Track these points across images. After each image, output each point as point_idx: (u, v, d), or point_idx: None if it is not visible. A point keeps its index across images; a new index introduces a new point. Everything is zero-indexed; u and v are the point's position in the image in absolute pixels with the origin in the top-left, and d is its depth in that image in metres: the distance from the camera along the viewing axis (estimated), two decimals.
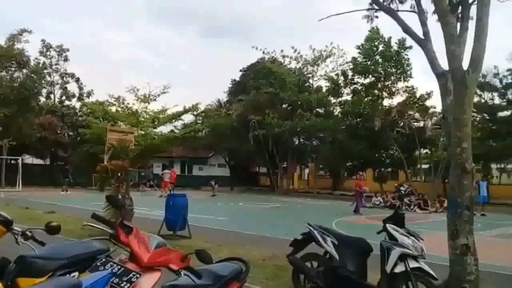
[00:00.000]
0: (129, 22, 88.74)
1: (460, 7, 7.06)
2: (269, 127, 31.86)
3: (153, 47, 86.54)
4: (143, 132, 18.18)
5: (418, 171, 33.39)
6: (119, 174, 10.57)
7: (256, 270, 7.17)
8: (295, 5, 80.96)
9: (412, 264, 5.17)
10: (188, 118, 33.97)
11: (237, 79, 40.21)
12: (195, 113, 36.65)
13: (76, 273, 3.07)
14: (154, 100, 21.10)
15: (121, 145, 10.79)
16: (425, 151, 31.54)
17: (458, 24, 6.83)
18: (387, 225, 5.54)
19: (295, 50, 32.83)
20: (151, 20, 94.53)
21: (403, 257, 5.20)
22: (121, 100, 21.67)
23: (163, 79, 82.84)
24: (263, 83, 33.78)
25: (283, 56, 33.89)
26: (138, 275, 2.48)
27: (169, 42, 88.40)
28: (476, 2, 6.40)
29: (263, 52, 34.07)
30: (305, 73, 34.21)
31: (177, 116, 23.17)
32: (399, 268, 5.18)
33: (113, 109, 21.82)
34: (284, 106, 35.38)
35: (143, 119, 19.79)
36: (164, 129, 24.17)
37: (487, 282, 5.97)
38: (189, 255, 2.68)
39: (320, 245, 5.77)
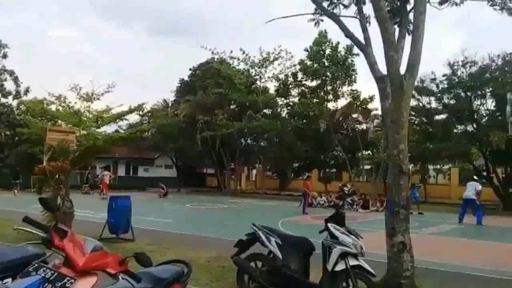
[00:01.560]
0: (73, 17, 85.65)
1: (398, 15, 7.40)
2: (217, 128, 31.79)
3: (99, 44, 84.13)
4: (85, 132, 17.62)
5: (361, 172, 34.49)
6: (58, 176, 10.16)
7: (201, 271, 7.14)
8: (245, 6, 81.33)
9: (352, 262, 5.33)
10: (133, 118, 33.25)
11: (185, 78, 39.81)
12: (141, 113, 35.90)
13: (9, 279, 2.93)
14: (98, 99, 20.50)
15: (61, 146, 10.38)
16: (367, 152, 32.63)
17: (397, 31, 7.16)
18: (329, 224, 5.68)
19: (244, 52, 33.01)
20: (96, 16, 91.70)
21: (343, 255, 5.35)
22: (62, 99, 20.82)
23: (109, 77, 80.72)
24: (212, 83, 33.65)
25: (232, 57, 33.97)
26: (72, 280, 2.39)
27: (116, 39, 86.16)
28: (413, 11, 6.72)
29: (212, 53, 34.00)
30: (253, 74, 34.43)
31: (122, 115, 22.60)
32: (340, 266, 5.32)
33: (53, 107, 20.97)
34: (232, 107, 35.41)
35: (85, 119, 19.17)
36: (108, 129, 23.52)
37: (422, 278, 6.26)
38: (128, 258, 2.62)
39: (265, 245, 5.84)
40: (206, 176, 44.43)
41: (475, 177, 19.29)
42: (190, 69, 39.36)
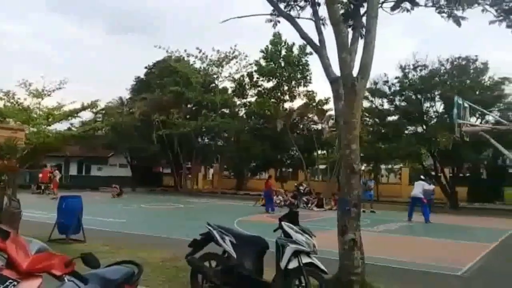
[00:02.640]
0: (24, 12, 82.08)
1: (352, 18, 7.59)
2: (174, 126, 31.43)
3: (52, 40, 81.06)
4: (35, 130, 16.98)
5: (316, 171, 35.10)
6: (5, 175, 9.74)
7: (155, 272, 7.06)
8: (204, 5, 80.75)
9: (305, 259, 5.42)
10: (87, 115, 32.31)
11: (141, 76, 39.08)
12: (94, 110, 34.96)
13: None
14: (49, 95, 19.78)
15: (9, 144, 9.93)
16: (322, 152, 33.25)
17: (351, 34, 7.34)
18: (283, 223, 5.75)
19: (200, 51, 32.80)
20: (50, 11, 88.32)
21: (296, 253, 5.44)
22: (10, 95, 19.92)
23: (63, 74, 77.91)
24: (168, 81, 33.22)
25: (188, 55, 33.65)
26: (15, 283, 2.30)
27: (70, 35, 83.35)
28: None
29: (167, 51, 33.56)
30: (211, 73, 34.27)
31: (74, 113, 21.87)
32: (293, 264, 5.41)
33: (1, 104, 20.05)
34: (189, 106, 35.11)
35: (35, 116, 18.47)
36: (60, 126, 22.71)
37: (372, 274, 6.46)
38: (74, 259, 2.55)
39: (219, 244, 5.83)
40: (162, 176, 43.79)
41: (422, 177, 20.07)
42: (145, 67, 38.72)
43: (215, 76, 34.58)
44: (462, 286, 7.24)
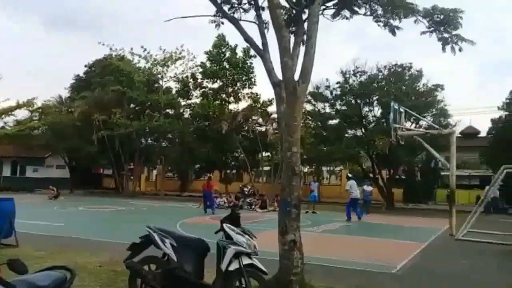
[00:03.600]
0: None
1: (294, 24, 7.75)
2: (115, 127, 30.56)
3: None
4: None
5: (261, 173, 35.40)
6: None
7: (92, 277, 6.85)
8: (148, 3, 79.12)
9: (246, 261, 5.46)
10: (22, 114, 30.72)
11: (81, 74, 37.68)
12: (31, 108, 33.39)
13: None
14: None
15: None
16: (266, 154, 33.59)
17: (294, 39, 7.49)
18: (224, 225, 5.76)
19: (145, 50, 32.13)
20: None
21: (237, 255, 5.47)
22: None
23: None
24: (110, 80, 32.25)
25: (132, 54, 32.87)
26: None
27: (3, 29, 78.66)
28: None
29: (111, 49, 32.59)
30: (155, 73, 33.64)
31: (8, 111, 20.76)
32: (233, 266, 5.43)
33: None
34: (132, 105, 34.28)
35: None
36: None
37: (311, 273, 6.61)
38: (0, 265, 2.43)
39: (159, 247, 5.75)
40: (102, 177, 42.46)
41: (349, 175, 21.06)
42: (85, 65, 37.37)
43: (159, 76, 34.01)
44: (395, 283, 7.57)
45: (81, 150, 32.17)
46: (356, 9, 7.87)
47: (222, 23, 8.81)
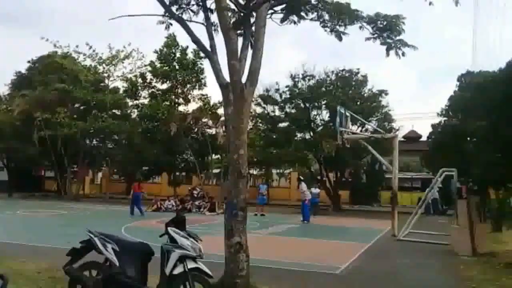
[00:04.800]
0: None
1: (242, 26, 7.75)
2: (59, 127, 29.33)
3: None
4: None
5: (210, 175, 35.20)
6: None
7: (29, 284, 6.57)
8: (95, 1, 76.79)
9: (190, 264, 5.41)
10: None
11: (23, 71, 35.85)
12: None
13: None
14: None
15: None
16: (216, 156, 33.44)
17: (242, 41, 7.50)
18: (169, 228, 5.68)
19: (90, 47, 31.08)
20: None
21: (182, 259, 5.40)
22: None
23: None
24: (53, 78, 30.90)
25: (77, 52, 31.69)
26: None
27: None
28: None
29: (55, 45, 31.25)
30: (101, 72, 32.61)
31: None
32: (178, 270, 5.36)
33: None
34: (76, 105, 33.03)
35: None
36: None
37: (257, 275, 6.64)
38: None
39: (100, 252, 5.58)
40: (44, 180, 40.58)
41: (301, 177, 21.52)
42: (28, 62, 35.61)
43: (106, 75, 33.00)
44: (338, 284, 7.75)
45: (21, 151, 30.57)
46: (304, 14, 7.99)
47: (171, 24, 8.68)
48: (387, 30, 7.45)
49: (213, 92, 38.30)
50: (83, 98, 30.94)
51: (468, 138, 20.68)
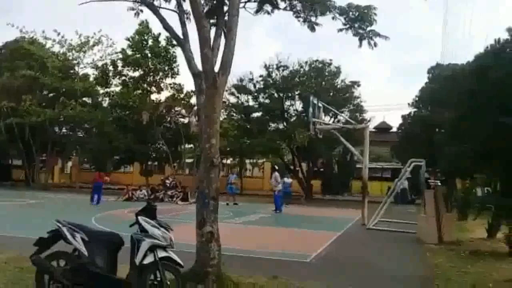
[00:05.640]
0: None
1: (215, 15, 7.69)
2: (26, 115, 28.55)
3: None
4: None
5: (183, 165, 34.97)
6: None
7: None
8: None
9: (161, 254, 5.39)
10: None
11: None
12: None
13: None
14: None
15: None
16: (189, 146, 33.23)
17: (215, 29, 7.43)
18: (139, 217, 5.63)
19: (59, 34, 30.26)
20: None
21: (152, 248, 5.37)
22: None
23: None
24: (20, 65, 29.97)
25: (45, 38, 30.82)
26: None
27: None
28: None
29: (21, 31, 30.29)
30: (70, 58, 31.80)
31: None
32: (148, 259, 5.33)
33: None
34: (44, 92, 32.18)
35: None
36: None
37: (228, 264, 6.66)
38: None
39: (69, 242, 5.49)
40: (11, 169, 39.49)
41: (276, 166, 21.64)
42: None
43: (75, 61, 32.22)
44: (309, 271, 7.86)
45: None
46: (277, 4, 7.98)
47: (141, 10, 8.53)
48: (358, 20, 7.52)
49: (186, 81, 37.87)
50: (51, 85, 30.19)
51: (437, 129, 21.15)
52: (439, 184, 21.19)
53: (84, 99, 32.84)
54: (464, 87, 10.74)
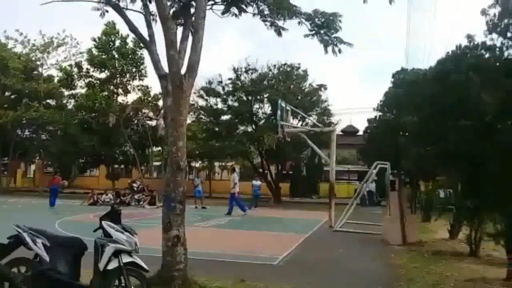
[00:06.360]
0: None
1: (182, 17, 7.65)
2: None
3: None
4: None
5: (151, 168, 34.55)
6: None
7: None
8: None
9: (126, 259, 5.30)
10: None
11: None
12: None
13: None
14: None
15: None
16: (157, 148, 32.86)
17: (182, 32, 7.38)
18: (103, 222, 5.53)
19: (21, 33, 29.44)
20: None
21: (117, 253, 5.28)
22: None
23: None
24: None
25: (7, 38, 29.89)
26: None
27: None
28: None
29: None
30: (34, 59, 30.94)
31: None
32: (113, 265, 5.23)
33: None
34: (6, 94, 31.19)
35: None
36: None
37: (195, 268, 6.60)
38: None
39: (30, 247, 5.33)
40: None
41: (235, 168, 21.68)
42: None
43: (39, 62, 31.38)
44: (276, 274, 7.89)
45: None
46: (244, 7, 8.00)
47: (107, 11, 8.38)
48: (324, 27, 7.62)
49: (154, 83, 37.29)
50: (13, 86, 29.32)
51: (401, 133, 21.68)
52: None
53: (48, 101, 32.11)
54: (426, 91, 11.05)
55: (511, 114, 7.96)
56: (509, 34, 8.66)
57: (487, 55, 9.52)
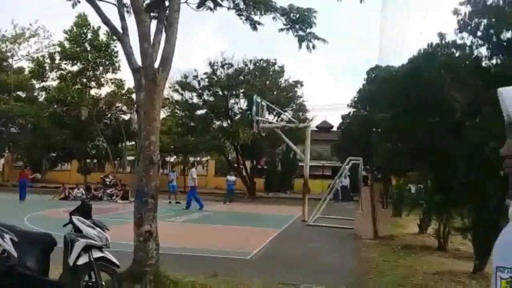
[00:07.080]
0: None
1: (156, 9, 7.54)
2: None
3: None
4: None
5: (124, 163, 34.11)
6: None
7: None
8: None
9: (96, 254, 5.23)
10: None
11: None
12: None
13: None
14: None
15: None
16: (131, 143, 32.45)
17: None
18: (73, 217, 5.44)
19: None
20: None
21: (87, 248, 5.21)
22: None
23: None
24: None
25: None
26: None
27: None
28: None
29: None
30: (4, 50, 30.06)
31: None
32: (83, 260, 5.17)
33: None
34: None
35: None
36: None
37: (168, 263, 6.57)
38: None
39: None
40: None
41: (194, 163, 21.61)
42: None
43: (9, 53, 30.51)
44: (248, 269, 7.94)
45: None
46: (219, 1, 7.96)
47: (79, 1, 8.22)
48: (299, 22, 7.66)
49: (128, 76, 36.64)
50: None
51: (374, 129, 21.96)
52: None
53: (18, 93, 31.24)
54: (398, 88, 11.22)
55: (479, 111, 8.17)
56: (478, 33, 8.85)
57: (457, 54, 9.72)
